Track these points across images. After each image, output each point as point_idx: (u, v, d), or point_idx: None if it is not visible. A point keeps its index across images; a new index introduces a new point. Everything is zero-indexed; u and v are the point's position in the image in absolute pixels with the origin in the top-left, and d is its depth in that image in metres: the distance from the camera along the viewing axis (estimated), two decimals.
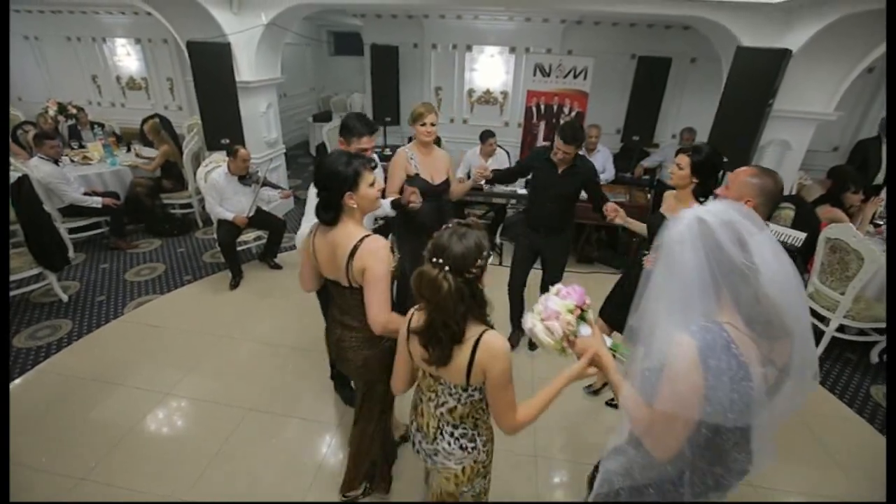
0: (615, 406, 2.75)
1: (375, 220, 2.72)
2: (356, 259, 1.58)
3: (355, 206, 1.61)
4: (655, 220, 2.27)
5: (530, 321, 1.34)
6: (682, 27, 5.54)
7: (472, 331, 1.29)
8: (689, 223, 1.05)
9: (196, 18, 4.25)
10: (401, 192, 2.60)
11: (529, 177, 3.28)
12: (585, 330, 1.33)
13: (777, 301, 1.00)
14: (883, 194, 3.77)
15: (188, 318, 3.57)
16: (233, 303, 3.81)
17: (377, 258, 1.57)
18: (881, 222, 3.89)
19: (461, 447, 1.42)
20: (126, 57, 6.97)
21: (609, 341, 1.39)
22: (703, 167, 2.09)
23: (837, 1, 3.21)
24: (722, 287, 1.01)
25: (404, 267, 2.70)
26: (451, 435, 1.42)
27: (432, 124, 2.61)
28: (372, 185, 1.63)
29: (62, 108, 5.34)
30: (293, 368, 3.05)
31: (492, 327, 1.34)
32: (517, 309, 3.20)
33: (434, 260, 1.22)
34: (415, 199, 2.45)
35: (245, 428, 2.59)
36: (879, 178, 4.91)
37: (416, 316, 1.36)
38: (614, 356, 1.33)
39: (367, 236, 1.60)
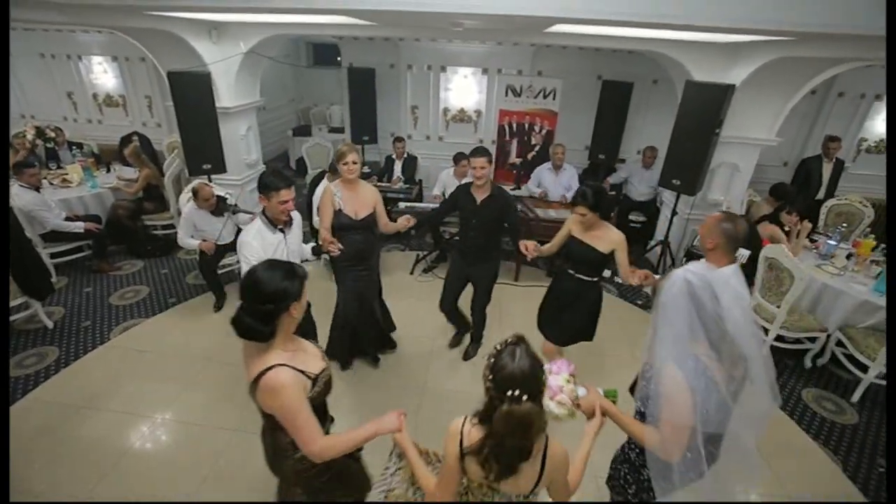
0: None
1: (314, 249, 2.80)
2: (258, 394, 1.45)
3: (296, 315, 1.50)
4: (573, 244, 2.74)
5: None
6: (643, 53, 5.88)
7: (538, 443, 1.29)
8: (679, 285, 1.41)
9: (177, 49, 4.37)
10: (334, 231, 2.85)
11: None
12: (582, 391, 1.60)
13: (736, 337, 1.37)
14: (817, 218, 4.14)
15: (174, 341, 3.72)
16: (217, 325, 3.96)
17: (278, 396, 1.41)
18: (817, 238, 4.29)
19: None
20: (103, 74, 6.96)
21: (601, 391, 1.66)
22: (597, 204, 2.57)
23: (771, 46, 3.55)
24: (700, 330, 1.39)
25: (346, 297, 3.10)
26: None
27: (354, 162, 2.78)
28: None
29: (40, 132, 5.36)
30: None
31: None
32: (460, 321, 3.62)
33: (511, 394, 1.19)
34: (333, 249, 2.62)
35: (233, 449, 2.77)
36: (821, 193, 5.35)
37: (470, 433, 1.32)
38: (612, 401, 1.64)
39: (269, 369, 1.42)
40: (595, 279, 2.81)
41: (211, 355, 3.57)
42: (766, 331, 3.69)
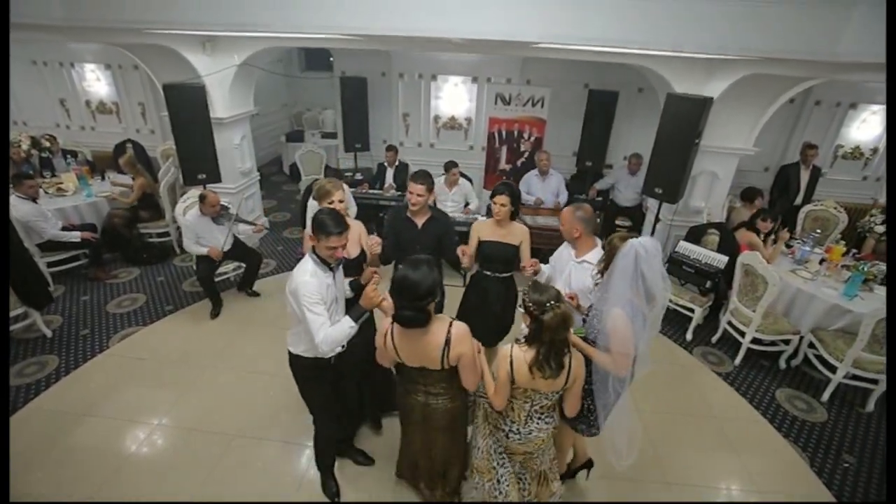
0: None
1: (352, 284, 2.53)
2: (453, 348, 1.92)
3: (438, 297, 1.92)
4: (487, 247, 2.89)
5: None
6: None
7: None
8: (633, 254, 1.97)
9: (171, 61, 4.46)
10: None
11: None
12: None
13: (652, 287, 2.01)
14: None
15: (172, 349, 3.82)
16: (214, 332, 4.07)
17: (468, 337, 1.96)
18: (793, 244, 4.48)
19: (546, 423, 2.12)
20: (96, 82, 7.00)
21: (572, 330, 2.05)
22: (515, 199, 2.83)
23: (744, 63, 3.73)
24: (639, 284, 2.00)
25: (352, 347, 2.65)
26: (541, 419, 2.10)
27: (340, 201, 2.62)
28: None
29: (35, 143, 5.41)
30: (273, 394, 3.35)
31: None
32: None
33: (550, 303, 1.83)
34: (377, 279, 2.35)
35: (231, 454, 2.89)
36: (799, 199, 5.55)
37: (518, 355, 1.93)
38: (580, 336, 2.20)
39: (450, 326, 1.94)
40: (510, 273, 2.97)
41: (208, 362, 3.67)
42: (742, 334, 3.87)
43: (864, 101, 5.91)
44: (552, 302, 1.85)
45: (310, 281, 2.08)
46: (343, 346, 2.22)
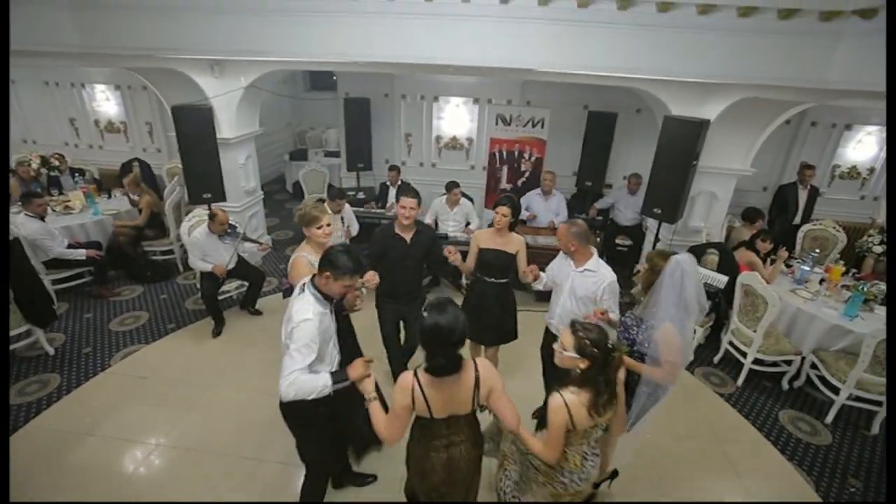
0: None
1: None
2: (482, 385, 1.81)
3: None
4: (486, 254, 3.08)
5: None
6: None
7: None
8: (678, 270, 2.11)
9: (180, 84, 4.59)
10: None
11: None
12: None
13: (691, 299, 2.13)
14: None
15: (174, 367, 3.82)
16: (216, 350, 4.07)
17: (494, 369, 1.88)
18: (792, 263, 4.50)
19: (596, 454, 2.08)
20: (105, 102, 7.16)
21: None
22: (516, 211, 3.02)
23: (738, 88, 3.83)
24: (682, 297, 2.11)
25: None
26: (594, 453, 2.06)
27: (328, 225, 2.63)
28: None
29: (45, 161, 5.51)
30: (276, 413, 3.33)
31: None
32: (401, 357, 3.41)
33: (610, 346, 1.84)
34: (360, 305, 2.52)
35: (231, 475, 2.87)
36: (797, 219, 5.59)
37: (573, 400, 1.83)
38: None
39: (475, 361, 1.84)
40: (507, 279, 3.15)
41: (210, 381, 3.67)
42: (744, 354, 3.87)
43: (858, 122, 6.01)
44: (611, 345, 1.84)
45: (312, 321, 1.95)
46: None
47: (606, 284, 2.61)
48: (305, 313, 1.96)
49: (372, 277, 2.68)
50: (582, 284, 2.67)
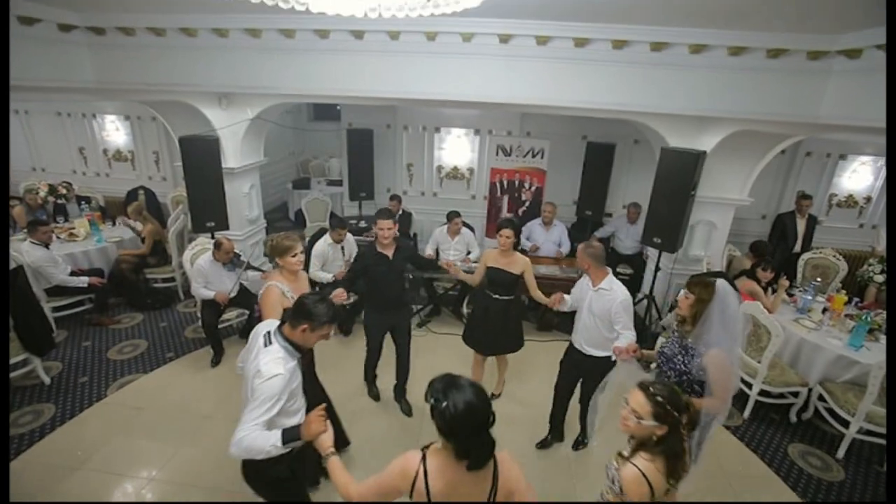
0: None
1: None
2: (501, 475, 1.50)
3: None
4: (493, 273, 3.38)
5: None
6: None
7: None
8: (727, 295, 2.20)
9: (189, 115, 4.71)
10: None
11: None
12: None
13: (735, 325, 2.21)
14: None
15: (171, 398, 3.76)
16: (214, 381, 4.02)
17: (516, 465, 1.56)
18: (794, 292, 4.49)
19: None
20: (115, 132, 7.32)
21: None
22: (518, 232, 3.42)
23: (731, 120, 3.94)
24: (728, 321, 2.17)
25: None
26: None
27: (302, 252, 2.69)
28: None
29: (52, 190, 5.60)
30: None
31: None
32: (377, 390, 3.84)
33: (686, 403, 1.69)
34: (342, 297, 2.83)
35: None
36: (797, 247, 5.62)
37: (652, 470, 1.62)
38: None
39: (495, 457, 1.51)
40: (512, 297, 3.44)
41: (207, 412, 3.61)
42: (749, 385, 3.81)
43: (852, 152, 6.12)
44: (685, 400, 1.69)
45: (282, 375, 1.83)
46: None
47: (619, 301, 2.78)
48: (276, 368, 1.84)
49: (341, 294, 2.89)
50: (598, 302, 2.86)
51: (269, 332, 1.97)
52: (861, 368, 3.47)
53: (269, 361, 1.86)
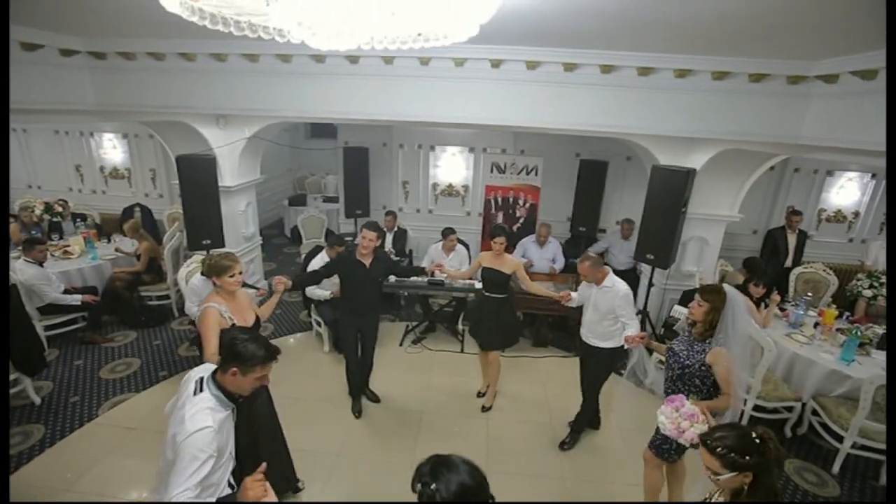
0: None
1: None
2: None
3: None
4: (486, 272, 3.74)
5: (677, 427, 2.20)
6: None
7: None
8: (737, 297, 2.39)
9: (186, 134, 4.77)
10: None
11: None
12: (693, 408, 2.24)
13: (739, 329, 2.38)
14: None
15: (163, 418, 3.69)
16: None
17: None
18: (786, 307, 4.53)
19: None
20: (112, 150, 7.38)
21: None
22: (508, 238, 3.69)
23: (718, 141, 4.05)
24: (736, 324, 2.35)
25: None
26: None
27: (240, 273, 2.66)
28: None
29: (48, 208, 5.61)
30: None
31: None
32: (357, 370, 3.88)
33: (757, 439, 1.57)
34: (284, 283, 3.05)
35: None
36: (788, 262, 5.69)
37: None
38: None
39: None
40: (504, 295, 3.78)
41: None
42: (743, 401, 3.81)
43: (839, 168, 6.26)
44: (756, 436, 1.51)
45: (211, 428, 1.64)
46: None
47: (621, 295, 3.15)
48: (202, 420, 1.63)
49: (278, 281, 3.07)
50: (602, 299, 3.22)
51: (201, 379, 1.78)
52: (853, 383, 3.50)
53: (195, 413, 1.65)
